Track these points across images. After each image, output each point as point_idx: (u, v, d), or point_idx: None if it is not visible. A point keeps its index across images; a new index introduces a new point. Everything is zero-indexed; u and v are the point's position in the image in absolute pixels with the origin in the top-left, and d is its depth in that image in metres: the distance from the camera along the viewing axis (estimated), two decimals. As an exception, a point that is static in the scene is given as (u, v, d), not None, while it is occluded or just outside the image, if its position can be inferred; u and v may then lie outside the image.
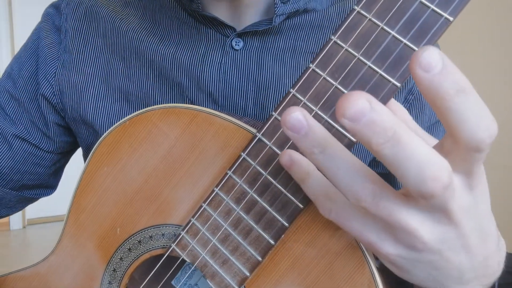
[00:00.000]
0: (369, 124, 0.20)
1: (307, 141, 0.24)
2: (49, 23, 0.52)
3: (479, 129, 0.21)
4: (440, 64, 0.20)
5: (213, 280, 0.34)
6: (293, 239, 0.32)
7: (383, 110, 0.21)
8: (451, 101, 0.21)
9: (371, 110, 0.20)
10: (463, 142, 0.22)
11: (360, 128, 0.21)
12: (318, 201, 0.28)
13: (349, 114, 0.20)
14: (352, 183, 0.24)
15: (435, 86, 0.20)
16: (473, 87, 0.21)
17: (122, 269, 0.39)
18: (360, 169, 0.24)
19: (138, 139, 0.37)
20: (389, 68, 0.27)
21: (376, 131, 0.20)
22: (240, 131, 0.34)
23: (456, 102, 0.21)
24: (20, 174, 0.53)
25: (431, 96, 0.21)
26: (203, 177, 0.35)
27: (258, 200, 0.32)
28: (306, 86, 0.30)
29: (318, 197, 0.28)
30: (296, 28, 0.48)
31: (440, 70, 0.20)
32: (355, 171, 0.24)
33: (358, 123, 0.20)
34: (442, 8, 0.26)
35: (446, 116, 0.21)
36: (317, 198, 0.28)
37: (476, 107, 0.21)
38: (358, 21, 0.28)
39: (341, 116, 0.21)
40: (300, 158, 0.28)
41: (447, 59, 0.20)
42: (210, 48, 0.47)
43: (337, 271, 0.31)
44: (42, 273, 0.43)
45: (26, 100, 0.51)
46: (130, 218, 0.38)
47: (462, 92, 0.21)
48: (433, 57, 0.20)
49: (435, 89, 0.21)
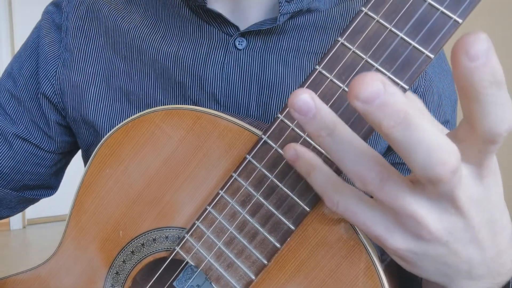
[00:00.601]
0: (382, 106, 0.20)
1: (314, 124, 0.24)
2: (49, 22, 0.52)
3: (502, 123, 0.21)
4: (486, 54, 0.20)
5: (218, 284, 0.34)
6: (299, 242, 0.32)
7: (396, 92, 0.20)
8: (483, 93, 0.20)
9: (384, 92, 0.20)
10: (481, 132, 0.22)
11: (373, 110, 0.20)
12: (324, 193, 0.27)
13: (363, 96, 0.20)
14: (359, 166, 0.24)
15: (474, 76, 0.20)
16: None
17: (125, 272, 0.38)
18: (367, 152, 0.24)
19: (141, 141, 0.37)
20: (397, 70, 0.27)
21: (387, 113, 0.20)
22: (245, 133, 0.34)
23: (488, 94, 0.20)
24: (21, 174, 0.53)
25: (465, 84, 0.21)
26: (207, 179, 0.35)
27: (264, 203, 0.32)
28: (313, 88, 0.29)
29: (324, 189, 0.27)
30: (299, 28, 0.47)
31: (485, 62, 0.20)
32: (362, 154, 0.24)
33: (371, 105, 0.20)
34: (451, 10, 0.26)
35: (472, 105, 0.21)
36: (323, 191, 0.27)
37: (505, 102, 0.21)
38: (365, 23, 0.28)
39: (354, 98, 0.20)
40: (305, 151, 0.27)
41: (492, 48, 0.20)
42: (213, 48, 0.47)
43: (343, 274, 0.31)
44: (43, 276, 0.43)
45: (26, 99, 0.51)
46: (133, 220, 0.38)
47: (497, 85, 0.20)
48: (482, 47, 0.20)
49: (473, 79, 0.20)
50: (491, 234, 0.26)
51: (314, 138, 0.25)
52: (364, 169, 0.24)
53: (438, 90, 0.49)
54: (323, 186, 0.27)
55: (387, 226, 0.26)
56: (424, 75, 0.48)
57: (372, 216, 0.26)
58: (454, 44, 0.20)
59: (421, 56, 0.27)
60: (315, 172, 0.27)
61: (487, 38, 0.20)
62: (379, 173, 0.23)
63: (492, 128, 0.21)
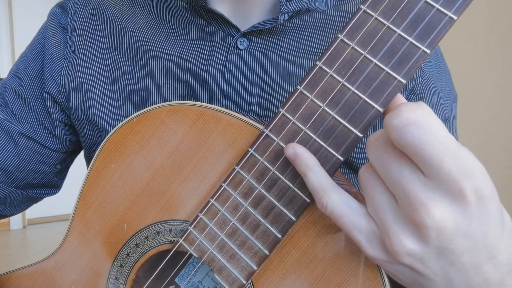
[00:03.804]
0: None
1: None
2: (55, 23, 0.53)
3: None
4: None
5: (220, 275, 0.35)
6: (300, 233, 0.33)
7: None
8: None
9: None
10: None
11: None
12: (316, 194, 0.30)
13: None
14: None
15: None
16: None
17: (129, 264, 0.39)
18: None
19: (146, 136, 0.38)
20: (395, 65, 0.28)
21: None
22: (247, 127, 0.35)
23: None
24: (26, 173, 0.53)
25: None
26: (210, 173, 0.36)
27: (265, 195, 0.33)
28: (313, 83, 0.30)
29: (316, 190, 0.30)
30: (299, 29, 0.48)
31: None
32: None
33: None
34: (447, 8, 0.27)
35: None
36: (315, 191, 0.30)
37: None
38: (364, 20, 0.29)
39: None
40: (303, 152, 0.30)
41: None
42: (215, 48, 0.47)
43: (343, 264, 0.32)
44: (47, 270, 0.43)
45: (32, 98, 0.52)
46: (137, 214, 0.38)
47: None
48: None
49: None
50: (473, 262, 0.27)
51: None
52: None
53: (436, 89, 0.50)
54: (316, 187, 0.30)
55: (368, 236, 0.28)
56: (421, 74, 0.49)
57: (356, 222, 0.28)
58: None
59: (418, 52, 0.28)
60: (310, 173, 0.30)
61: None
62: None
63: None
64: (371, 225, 0.28)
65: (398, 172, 0.26)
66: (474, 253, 0.26)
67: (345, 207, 0.29)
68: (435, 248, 0.26)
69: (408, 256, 0.27)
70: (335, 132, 0.30)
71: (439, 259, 0.27)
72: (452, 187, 0.24)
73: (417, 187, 0.25)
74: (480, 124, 1.50)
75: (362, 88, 0.29)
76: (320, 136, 0.30)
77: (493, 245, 0.26)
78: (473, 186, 0.24)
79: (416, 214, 0.25)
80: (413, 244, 0.26)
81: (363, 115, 0.29)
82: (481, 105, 1.51)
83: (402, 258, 0.27)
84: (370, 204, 0.28)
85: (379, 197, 0.28)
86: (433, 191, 0.25)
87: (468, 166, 0.24)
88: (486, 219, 0.25)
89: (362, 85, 0.29)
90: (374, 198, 0.28)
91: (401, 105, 0.25)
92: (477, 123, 1.48)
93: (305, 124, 0.31)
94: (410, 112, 0.24)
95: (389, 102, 0.29)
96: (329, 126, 0.30)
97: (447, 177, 0.24)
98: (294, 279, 0.33)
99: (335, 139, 0.30)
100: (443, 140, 0.24)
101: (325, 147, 0.30)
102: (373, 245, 0.28)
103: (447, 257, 0.26)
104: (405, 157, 0.26)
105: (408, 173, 0.26)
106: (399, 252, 0.27)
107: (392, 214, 0.27)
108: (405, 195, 0.26)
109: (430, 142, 0.24)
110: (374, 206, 0.28)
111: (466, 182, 0.24)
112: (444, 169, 0.24)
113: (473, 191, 0.24)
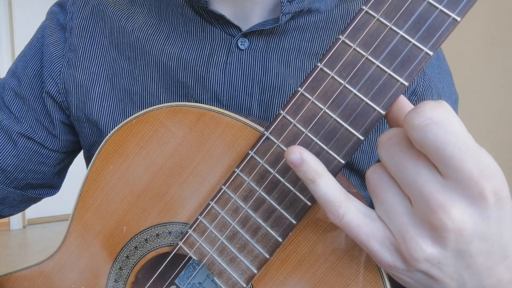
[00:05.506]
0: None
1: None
2: (53, 22, 0.52)
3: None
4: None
5: (220, 278, 0.34)
6: (301, 237, 0.33)
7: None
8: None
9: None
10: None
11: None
12: (328, 204, 0.27)
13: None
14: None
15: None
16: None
17: (129, 267, 0.39)
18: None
19: (145, 138, 0.37)
20: (397, 67, 0.28)
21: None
22: (247, 129, 0.34)
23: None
24: (25, 173, 0.53)
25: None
26: (210, 175, 0.36)
27: (266, 198, 0.32)
28: (314, 85, 0.30)
29: (329, 199, 0.27)
30: (300, 29, 0.48)
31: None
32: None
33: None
34: (450, 9, 0.26)
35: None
36: (327, 201, 0.27)
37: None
38: (366, 21, 0.28)
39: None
40: (311, 157, 0.27)
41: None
42: (215, 48, 0.47)
43: (344, 268, 0.32)
44: (46, 272, 0.43)
45: (31, 98, 0.52)
46: (136, 216, 0.38)
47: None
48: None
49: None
50: (488, 264, 0.26)
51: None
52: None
53: (438, 90, 0.50)
54: (329, 196, 0.27)
55: (384, 243, 0.27)
56: (423, 75, 0.49)
57: (373, 231, 0.27)
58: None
59: (421, 53, 0.27)
60: (321, 180, 0.27)
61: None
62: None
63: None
64: (386, 232, 0.26)
65: (414, 173, 0.25)
66: (489, 255, 0.26)
67: (361, 216, 0.27)
68: (453, 251, 0.25)
69: (426, 261, 0.26)
70: (336, 135, 0.30)
71: (456, 263, 0.26)
72: (473, 188, 0.24)
73: (435, 188, 0.24)
74: (481, 124, 1.49)
75: (364, 90, 0.29)
76: (321, 139, 0.30)
77: (507, 245, 0.26)
78: (493, 187, 0.24)
79: (434, 216, 0.24)
80: (432, 248, 0.25)
81: (365, 117, 0.29)
82: (482, 106, 1.51)
83: (420, 264, 0.26)
84: (381, 208, 0.27)
85: (392, 199, 0.26)
86: (452, 192, 0.24)
87: (489, 168, 0.24)
88: (503, 220, 0.25)
89: (363, 87, 0.29)
90: (386, 201, 0.26)
91: (422, 104, 0.24)
92: (477, 124, 1.48)
93: (306, 127, 0.31)
94: (432, 110, 0.24)
95: (391, 104, 0.28)
96: (330, 129, 0.30)
97: (467, 178, 0.23)
98: (295, 283, 0.33)
99: (336, 142, 0.30)
100: (464, 140, 0.23)
101: (326, 150, 0.30)
102: (391, 253, 0.26)
103: (464, 260, 0.26)
104: (422, 156, 0.25)
105: (425, 173, 0.24)
106: (418, 258, 0.25)
107: (408, 217, 0.25)
108: (422, 196, 0.24)
109: (452, 141, 0.23)
110: (386, 210, 0.26)
111: (487, 183, 0.23)
112: (465, 170, 0.23)
113: (493, 192, 0.24)
